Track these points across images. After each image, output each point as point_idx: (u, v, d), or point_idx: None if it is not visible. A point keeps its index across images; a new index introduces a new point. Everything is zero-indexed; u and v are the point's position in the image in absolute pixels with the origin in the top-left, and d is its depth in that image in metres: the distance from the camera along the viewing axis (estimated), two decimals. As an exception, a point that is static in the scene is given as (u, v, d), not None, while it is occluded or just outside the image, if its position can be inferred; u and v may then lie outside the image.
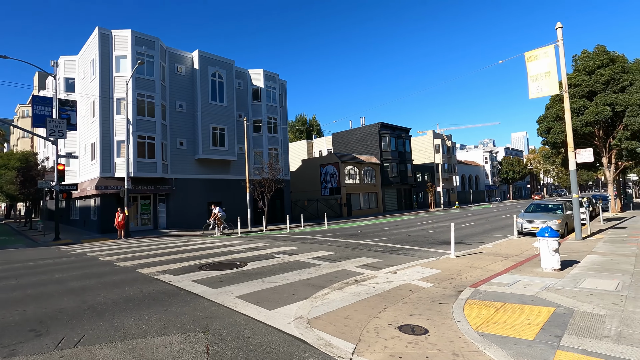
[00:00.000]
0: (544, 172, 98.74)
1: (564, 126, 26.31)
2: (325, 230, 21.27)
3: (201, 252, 12.14)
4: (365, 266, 9.00)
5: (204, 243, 15.50)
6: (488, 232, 18.05)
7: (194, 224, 27.59)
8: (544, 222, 15.61)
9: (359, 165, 44.05)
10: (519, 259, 10.18)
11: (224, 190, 29.73)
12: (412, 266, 8.98)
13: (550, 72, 14.14)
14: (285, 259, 10.20)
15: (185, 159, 27.58)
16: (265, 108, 32.72)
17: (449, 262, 9.68)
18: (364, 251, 11.68)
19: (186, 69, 28.03)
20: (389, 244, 13.76)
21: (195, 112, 28.00)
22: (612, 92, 24.69)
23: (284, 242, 14.96)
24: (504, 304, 5.61)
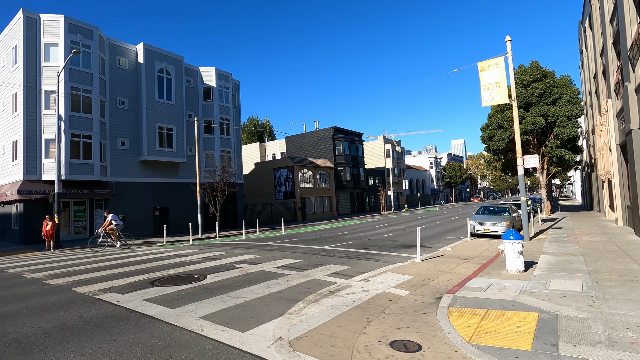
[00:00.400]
0: (481, 177, 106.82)
1: (504, 134, 28.39)
2: (283, 236, 20.58)
3: (150, 264, 10.88)
4: (336, 274, 8.57)
5: (152, 253, 14.05)
6: (442, 234, 18.64)
7: (138, 232, 25.31)
8: (494, 224, 16.46)
9: (313, 169, 43.87)
10: (481, 261, 10.44)
11: (171, 194, 27.72)
12: (382, 272, 8.74)
13: (500, 82, 14.96)
14: (249, 269, 9.43)
15: (128, 161, 25.25)
16: (218, 108, 31.21)
17: (416, 266, 9.61)
18: (330, 258, 11.27)
19: (129, 63, 25.76)
20: (352, 249, 13.51)
21: (139, 109, 25.80)
22: (545, 104, 27.11)
23: (243, 249, 14.06)
24: (487, 310, 5.50)
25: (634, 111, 13.04)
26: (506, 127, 28.19)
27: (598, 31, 22.45)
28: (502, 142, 28.45)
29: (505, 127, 28.28)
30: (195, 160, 27.00)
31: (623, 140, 16.11)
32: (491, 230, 16.34)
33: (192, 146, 29.34)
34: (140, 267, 10.44)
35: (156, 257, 12.43)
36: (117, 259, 12.58)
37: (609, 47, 17.76)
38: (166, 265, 10.63)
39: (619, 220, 17.46)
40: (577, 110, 25.98)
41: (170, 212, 27.74)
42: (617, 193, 17.59)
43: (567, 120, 26.12)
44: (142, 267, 10.42)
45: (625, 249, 10.91)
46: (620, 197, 17.43)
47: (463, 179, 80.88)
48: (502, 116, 28.38)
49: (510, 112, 27.80)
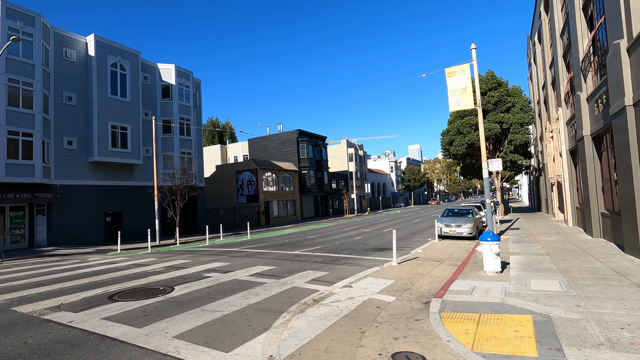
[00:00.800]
0: (438, 181, 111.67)
1: (464, 139, 29.64)
2: (250, 241, 19.78)
3: (105, 276, 9.77)
4: (316, 281, 8.17)
5: (106, 263, 12.73)
6: (409, 236, 18.88)
7: (87, 240, 23.23)
8: (459, 226, 16.93)
9: (277, 172, 43.12)
10: (455, 263, 10.54)
11: (126, 198, 25.75)
12: (363, 277, 8.47)
13: (466, 88, 15.45)
14: (220, 278, 8.73)
15: (76, 162, 23.08)
16: (177, 107, 29.62)
17: (394, 270, 9.47)
18: (305, 263, 10.83)
19: (78, 55, 23.65)
20: (325, 253, 13.16)
21: (89, 106, 23.73)
22: (500, 111, 28.70)
23: (210, 257, 13.17)
24: (480, 315, 5.38)
25: (585, 119, 13.99)
26: (465, 133, 29.46)
27: (547, 45, 24.16)
28: (462, 147, 29.67)
29: (464, 132, 29.53)
30: (153, 162, 25.31)
31: (574, 146, 17.32)
32: (457, 232, 16.79)
33: (149, 147, 27.54)
34: (94, 279, 9.33)
35: (112, 268, 11.24)
36: (64, 270, 11.22)
37: (559, 60, 19.07)
38: (125, 276, 9.59)
39: (569, 221, 18.72)
40: (528, 117, 27.77)
41: (124, 217, 25.76)
42: (567, 195, 18.86)
43: (519, 127, 27.82)
44: (96, 279, 9.31)
45: (582, 247, 11.56)
46: (570, 200, 18.70)
47: (421, 182, 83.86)
48: (461, 122, 29.63)
49: (469, 119, 29.13)
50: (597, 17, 12.64)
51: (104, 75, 24.29)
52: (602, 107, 11.95)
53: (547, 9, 23.65)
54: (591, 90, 13.64)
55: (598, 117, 12.57)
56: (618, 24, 9.43)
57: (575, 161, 18.32)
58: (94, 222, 23.74)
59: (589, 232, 14.18)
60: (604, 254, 9.99)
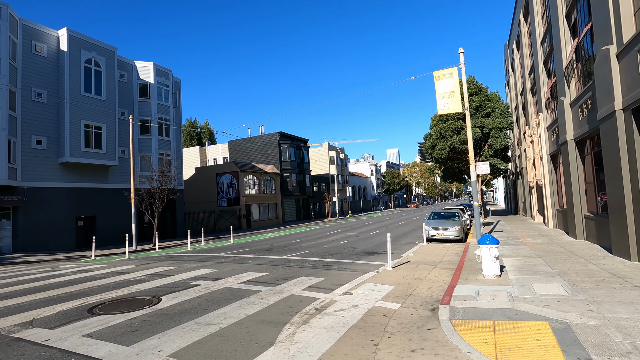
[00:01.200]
0: (416, 184, 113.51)
1: (446, 143, 30.04)
2: (234, 246, 19.11)
3: (82, 286, 9.00)
4: (313, 288, 7.78)
5: (81, 271, 11.84)
6: (397, 240, 18.78)
7: (57, 246, 21.85)
8: (446, 229, 16.97)
9: (258, 175, 42.39)
10: (448, 266, 10.43)
11: (100, 201, 24.45)
12: (361, 283, 8.16)
13: (454, 92, 15.56)
14: (210, 286, 8.19)
15: (45, 163, 21.69)
16: (156, 107, 28.53)
17: (391, 275, 9.22)
18: (297, 269, 10.41)
19: (49, 50, 22.31)
20: (315, 257, 12.78)
21: (61, 103, 22.40)
22: (480, 116, 29.31)
23: (194, 263, 12.51)
24: (493, 322, 5.17)
25: (569, 124, 14.33)
26: (447, 137, 29.85)
27: (527, 52, 24.88)
28: (444, 151, 30.06)
29: (446, 136, 29.93)
30: (130, 163, 24.17)
31: (555, 150, 17.77)
32: (445, 235, 16.81)
33: (126, 147, 26.32)
34: (69, 289, 8.56)
35: (88, 276, 10.41)
36: (33, 279, 10.30)
37: (539, 67, 19.59)
38: (104, 285, 8.86)
39: (550, 223, 19.18)
40: (507, 122, 28.50)
41: (98, 221, 24.45)
42: (548, 198, 19.33)
43: (499, 132, 28.49)
44: (71, 289, 8.55)
45: (570, 249, 11.73)
46: (551, 202, 19.18)
47: (401, 186, 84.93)
48: (443, 126, 30.03)
49: (451, 123, 29.55)
50: (581, 24, 12.98)
51: (77, 71, 23.01)
52: (587, 111, 12.23)
53: (527, 17, 24.38)
54: (575, 95, 13.99)
55: (582, 121, 12.87)
56: (607, 30, 9.63)
57: (556, 165, 18.82)
58: (64, 227, 22.36)
59: (572, 234, 14.49)
60: (593, 256, 10.12)
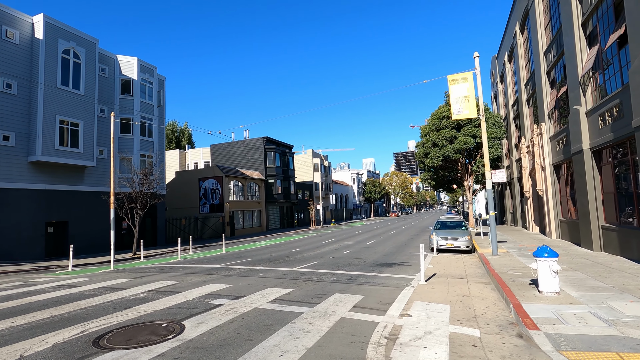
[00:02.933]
0: (395, 194, 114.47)
1: (439, 152, 29.83)
2: (229, 255, 17.59)
3: (73, 306, 7.42)
4: (360, 308, 6.67)
5: (63, 287, 10.08)
6: (400, 250, 17.95)
7: (23, 254, 19.52)
8: (456, 239, 16.31)
9: (243, 181, 40.72)
10: (482, 280, 9.65)
11: (73, 205, 22.20)
12: (409, 302, 7.15)
13: (469, 97, 15.06)
14: (236, 307, 6.89)
15: (13, 161, 19.40)
16: (139, 105, 26.61)
17: (432, 290, 8.29)
18: (321, 283, 9.26)
19: (22, 37, 20.17)
20: (330, 269, 11.65)
21: (33, 96, 20.23)
22: (474, 126, 29.37)
23: (198, 276, 11.03)
24: (618, 355, 4.28)
25: (584, 132, 14.10)
26: (441, 146, 29.68)
27: (523, 63, 25.11)
28: (437, 160, 29.85)
29: (440, 145, 29.76)
30: (110, 164, 22.12)
31: (560, 159, 17.64)
32: (455, 245, 16.14)
33: (104, 147, 24.23)
34: (57, 311, 6.99)
35: (75, 294, 8.76)
36: (5, 298, 8.55)
37: (542, 77, 19.60)
38: (100, 306, 7.33)
39: (552, 234, 18.98)
40: (500, 133, 28.68)
41: (71, 227, 22.16)
42: (550, 209, 19.17)
43: (492, 142, 28.60)
44: (60, 311, 6.98)
45: (597, 261, 11.26)
46: (554, 213, 19.02)
47: (381, 194, 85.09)
48: (437, 135, 29.86)
49: (445, 132, 29.40)
50: (603, 32, 12.81)
51: (54, 62, 20.94)
52: (612, 120, 11.96)
53: (524, 29, 24.66)
54: (592, 104, 13.80)
55: (604, 130, 12.60)
56: (649, 34, 9.29)
57: (559, 175, 18.74)
58: (32, 233, 20.01)
59: (586, 245, 14.16)
60: (630, 269, 9.63)
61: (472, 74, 15.16)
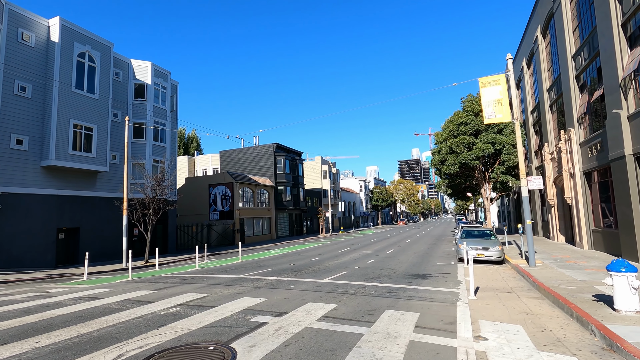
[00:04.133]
0: (401, 202, 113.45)
1: (457, 159, 29.12)
2: (247, 265, 16.88)
3: (99, 322, 6.75)
4: (424, 329, 5.94)
5: (83, 298, 9.42)
6: (425, 260, 17.17)
7: (33, 261, 18.96)
8: (487, 249, 15.55)
9: (253, 187, 40.14)
10: (534, 295, 8.90)
11: (85, 211, 21.67)
12: (473, 321, 6.42)
13: (502, 100, 14.43)
14: (283, 325, 6.19)
15: (25, 165, 18.94)
16: (152, 110, 26.22)
17: (488, 307, 7.56)
18: (364, 297, 8.53)
19: (38, 40, 19.88)
20: (363, 281, 10.92)
21: (48, 100, 19.84)
22: (492, 132, 28.70)
23: (226, 288, 10.32)
24: None
25: (626, 137, 13.39)
26: (458, 152, 28.99)
27: (545, 68, 24.49)
28: (455, 167, 29.14)
29: (457, 152, 29.06)
30: (123, 169, 21.68)
31: (593, 166, 16.88)
32: (486, 256, 15.39)
33: (117, 152, 23.78)
34: (84, 328, 6.31)
35: (98, 307, 8.08)
36: (24, 312, 7.90)
37: (570, 81, 18.94)
38: (130, 323, 6.64)
39: (584, 244, 18.13)
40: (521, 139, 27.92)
41: (82, 234, 21.60)
42: (581, 218, 18.35)
43: (512, 149, 27.87)
44: (86, 329, 6.30)
45: (652, 275, 10.44)
46: (585, 222, 18.19)
47: (389, 202, 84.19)
48: (455, 141, 29.19)
49: (463, 138, 28.74)
50: (648, 32, 12.18)
51: (69, 65, 20.60)
52: (663, 124, 11.26)
53: (546, 33, 24.11)
54: (634, 108, 13.11)
55: (652, 135, 11.90)
56: None
57: (591, 182, 17.97)
58: (43, 240, 19.45)
59: (630, 256, 13.33)
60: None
61: (504, 76, 14.55)
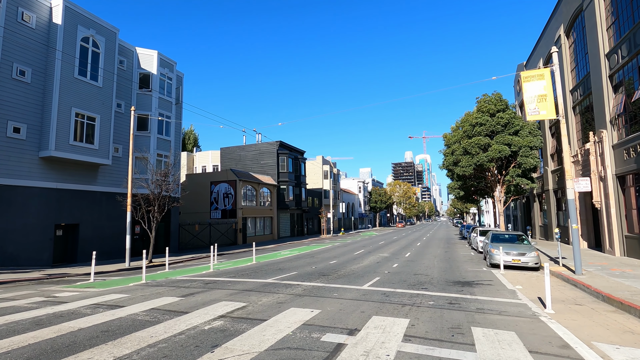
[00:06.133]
0: (397, 204, 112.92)
1: (471, 160, 28.23)
2: (265, 267, 15.68)
3: (132, 338, 5.55)
4: (539, 355, 4.89)
5: (100, 306, 8.15)
6: (454, 265, 16.19)
7: (28, 260, 17.54)
8: (523, 254, 14.62)
9: (256, 186, 38.88)
10: (603, 307, 7.91)
11: (85, 206, 20.26)
12: (587, 344, 5.40)
13: (546, 96, 13.53)
14: (366, 349, 5.05)
15: (23, 156, 17.51)
16: (157, 101, 24.88)
17: (582, 324, 6.56)
18: (428, 310, 7.46)
19: (39, 21, 18.46)
20: (409, 289, 9.85)
21: (48, 86, 18.43)
22: (508, 134, 27.88)
23: (260, 295, 9.13)
24: None
25: (679, 139, 12.57)
26: (473, 154, 28.11)
27: (568, 69, 23.79)
28: (469, 168, 28.25)
29: (472, 153, 28.19)
30: (127, 163, 20.35)
31: (629, 169, 16.10)
32: (522, 262, 14.45)
33: (120, 145, 22.40)
34: (120, 349, 5.11)
35: (124, 318, 6.84)
36: (34, 322, 6.66)
37: (603, 81, 18.16)
38: (175, 342, 5.40)
39: (616, 251, 17.35)
40: (537, 141, 27.22)
41: (81, 231, 20.18)
42: (613, 223, 17.57)
43: (529, 151, 27.08)
44: (123, 350, 5.09)
45: None
46: (617, 228, 17.41)
47: (387, 204, 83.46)
48: (469, 142, 28.30)
49: (478, 139, 27.85)
50: None
51: (72, 50, 19.21)
52: None
53: (569, 33, 23.40)
54: (690, 107, 12.30)
55: None
56: None
57: (624, 186, 17.20)
58: (40, 237, 18.02)
59: (679, 265, 12.51)
60: None
61: (549, 70, 13.66)
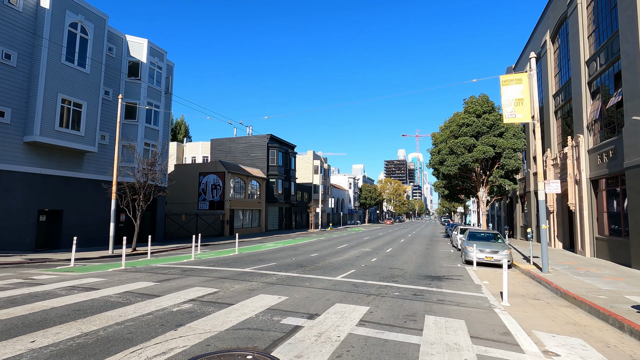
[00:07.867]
0: (387, 201, 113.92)
1: (457, 160, 28.81)
2: (246, 258, 16.00)
3: (102, 318, 5.82)
4: (480, 340, 5.30)
5: (75, 288, 8.38)
6: (430, 261, 16.71)
7: (10, 245, 17.59)
8: (495, 252, 15.18)
9: (245, 178, 39.04)
10: (558, 302, 8.41)
11: (70, 193, 20.28)
12: (528, 332, 5.83)
13: (522, 99, 14.02)
14: (320, 330, 5.42)
15: (6, 140, 17.48)
16: (146, 90, 24.83)
17: (529, 315, 7.02)
18: (390, 300, 7.85)
19: (26, 5, 18.30)
20: (379, 281, 10.26)
21: (34, 70, 18.34)
22: (493, 135, 28.49)
23: (234, 282, 9.46)
24: None
25: (647, 146, 13.15)
26: (459, 153, 28.67)
27: (552, 74, 24.38)
28: (454, 168, 28.84)
29: (458, 153, 28.75)
30: (114, 151, 20.39)
31: (602, 173, 16.71)
32: (494, 259, 15.02)
33: (107, 132, 22.38)
34: (86, 326, 5.37)
35: (97, 300, 7.09)
36: (10, 301, 6.87)
37: (582, 87, 18.73)
38: (141, 321, 5.71)
39: (587, 252, 18.03)
40: (521, 144, 27.88)
41: (65, 217, 20.21)
42: (585, 225, 18.24)
43: (512, 153, 27.73)
44: (90, 326, 5.35)
45: (674, 287, 10.18)
46: (589, 230, 18.09)
47: (377, 201, 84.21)
48: (455, 142, 28.85)
49: (464, 139, 28.40)
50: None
51: (59, 35, 19.10)
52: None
53: (555, 39, 23.95)
54: (657, 116, 12.86)
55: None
56: None
57: (597, 190, 17.86)
58: (22, 221, 18.04)
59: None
60: None
61: (526, 75, 14.12)
